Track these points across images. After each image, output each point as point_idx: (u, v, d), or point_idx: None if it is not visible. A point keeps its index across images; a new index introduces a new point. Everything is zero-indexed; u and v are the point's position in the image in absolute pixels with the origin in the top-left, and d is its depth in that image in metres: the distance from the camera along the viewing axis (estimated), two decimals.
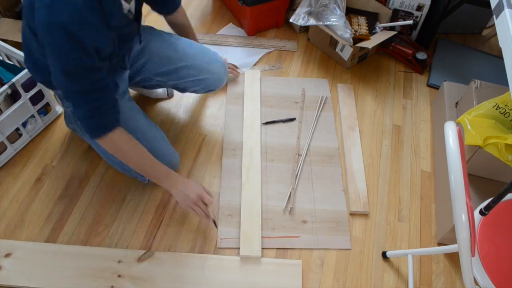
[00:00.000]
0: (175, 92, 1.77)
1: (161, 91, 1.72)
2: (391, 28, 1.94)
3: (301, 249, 1.35)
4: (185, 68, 1.45)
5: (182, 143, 1.60)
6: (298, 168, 1.55)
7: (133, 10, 1.16)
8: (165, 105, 1.73)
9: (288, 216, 1.43)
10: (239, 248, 1.33)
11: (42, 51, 1.07)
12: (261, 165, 1.53)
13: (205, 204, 1.28)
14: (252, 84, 1.80)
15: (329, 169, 1.56)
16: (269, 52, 1.96)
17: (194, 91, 1.56)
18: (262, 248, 1.34)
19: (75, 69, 1.01)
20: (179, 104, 1.74)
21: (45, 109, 1.62)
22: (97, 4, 0.97)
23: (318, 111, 1.73)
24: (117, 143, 1.16)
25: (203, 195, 1.26)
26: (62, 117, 1.65)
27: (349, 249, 1.37)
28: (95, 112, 1.10)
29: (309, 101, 1.78)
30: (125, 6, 1.11)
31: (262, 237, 1.36)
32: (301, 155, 1.58)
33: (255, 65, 1.91)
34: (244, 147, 1.57)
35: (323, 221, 1.42)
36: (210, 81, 1.52)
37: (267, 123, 1.68)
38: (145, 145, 1.23)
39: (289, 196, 1.47)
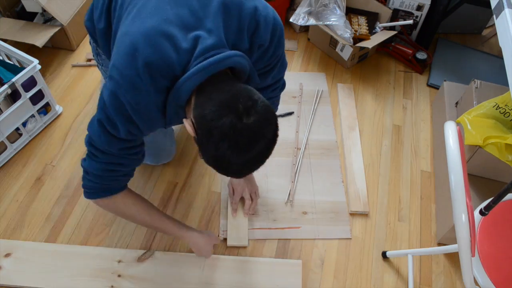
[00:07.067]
0: None
1: None
2: (391, 28, 1.94)
3: (302, 245, 1.36)
4: None
5: (183, 141, 1.60)
6: (297, 162, 1.56)
7: None
8: None
9: (289, 208, 1.45)
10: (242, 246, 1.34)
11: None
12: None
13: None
14: None
15: (328, 162, 1.58)
16: None
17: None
18: (265, 239, 1.36)
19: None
20: None
21: (45, 109, 1.62)
22: (162, 110, 0.92)
23: (315, 105, 1.75)
24: (119, 206, 1.08)
25: (211, 249, 1.26)
26: (62, 117, 1.65)
27: (349, 239, 1.39)
28: (108, 174, 1.00)
29: (306, 95, 1.79)
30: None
31: (263, 228, 1.38)
32: (300, 149, 1.60)
33: None
34: None
35: (323, 212, 1.44)
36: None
37: None
38: None
39: (290, 188, 1.48)
